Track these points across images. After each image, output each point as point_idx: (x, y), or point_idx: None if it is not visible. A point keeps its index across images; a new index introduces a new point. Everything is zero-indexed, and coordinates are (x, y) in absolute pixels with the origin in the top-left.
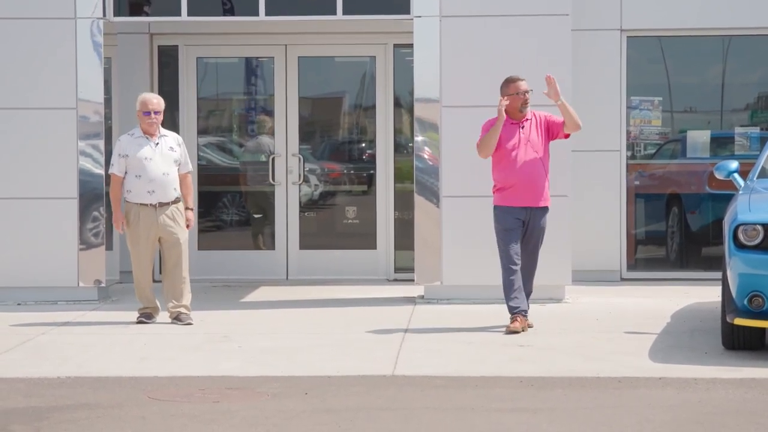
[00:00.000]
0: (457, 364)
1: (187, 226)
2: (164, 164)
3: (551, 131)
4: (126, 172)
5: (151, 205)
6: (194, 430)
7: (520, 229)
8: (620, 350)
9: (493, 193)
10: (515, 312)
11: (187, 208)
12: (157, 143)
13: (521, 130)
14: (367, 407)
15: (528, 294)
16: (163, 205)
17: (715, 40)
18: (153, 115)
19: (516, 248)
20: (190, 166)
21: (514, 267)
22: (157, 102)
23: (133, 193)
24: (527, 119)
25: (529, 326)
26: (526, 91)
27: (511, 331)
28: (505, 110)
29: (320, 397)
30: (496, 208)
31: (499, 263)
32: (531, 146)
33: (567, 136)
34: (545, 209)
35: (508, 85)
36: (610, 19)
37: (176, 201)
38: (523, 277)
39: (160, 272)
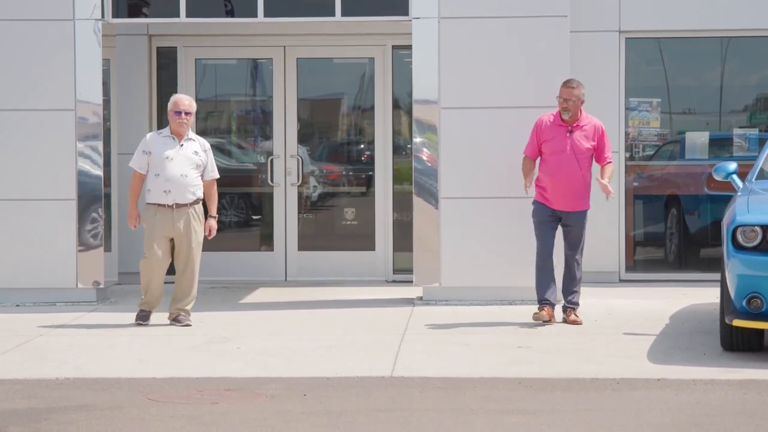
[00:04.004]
0: (456, 365)
1: (208, 235)
2: (184, 166)
3: (595, 150)
4: (148, 171)
5: (168, 206)
6: (193, 431)
7: (555, 222)
8: (619, 352)
9: (535, 186)
10: (540, 302)
11: (210, 216)
12: (182, 144)
13: (568, 135)
14: (366, 409)
15: (573, 281)
16: (180, 206)
17: (714, 41)
18: (183, 116)
19: (549, 245)
20: (216, 173)
21: (543, 264)
22: (189, 103)
23: (152, 193)
24: (579, 125)
25: (576, 322)
26: (566, 99)
27: (536, 319)
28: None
29: (319, 399)
30: (534, 202)
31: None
32: (574, 153)
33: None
34: (580, 212)
35: (561, 87)
36: (609, 21)
37: (194, 203)
38: (567, 267)
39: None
